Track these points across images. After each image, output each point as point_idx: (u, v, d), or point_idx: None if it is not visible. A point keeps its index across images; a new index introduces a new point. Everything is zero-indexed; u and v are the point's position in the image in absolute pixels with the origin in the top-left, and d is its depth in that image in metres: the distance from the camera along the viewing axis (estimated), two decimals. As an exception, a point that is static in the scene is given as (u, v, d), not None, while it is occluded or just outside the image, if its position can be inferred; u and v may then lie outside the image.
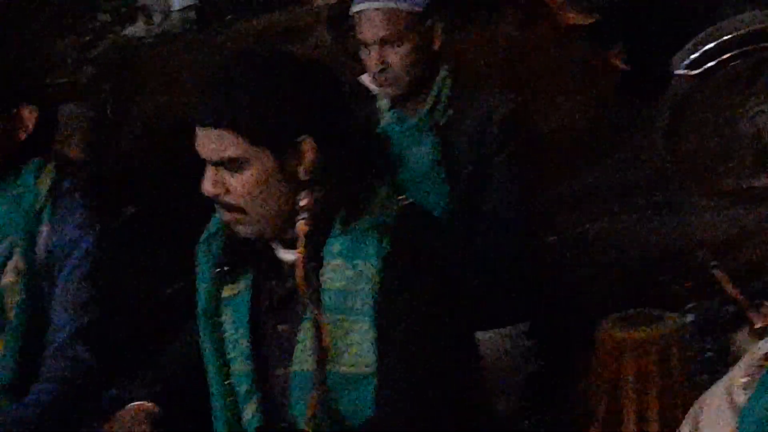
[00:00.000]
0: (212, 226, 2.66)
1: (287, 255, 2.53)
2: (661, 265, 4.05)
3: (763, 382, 2.01)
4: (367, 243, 2.43)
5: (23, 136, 2.98)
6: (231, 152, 2.41)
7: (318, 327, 2.30)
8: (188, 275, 2.76)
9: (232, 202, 2.43)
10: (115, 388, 2.76)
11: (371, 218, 2.46)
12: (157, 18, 6.06)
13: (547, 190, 4.32)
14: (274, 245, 2.54)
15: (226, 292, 2.62)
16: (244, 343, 2.58)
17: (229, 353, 2.61)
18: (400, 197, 2.50)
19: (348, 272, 2.44)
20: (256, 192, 2.42)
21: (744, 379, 2.03)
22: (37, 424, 2.84)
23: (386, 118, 3.68)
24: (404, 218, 2.47)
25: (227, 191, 2.43)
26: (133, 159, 5.34)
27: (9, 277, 2.95)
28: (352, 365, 2.42)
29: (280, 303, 2.53)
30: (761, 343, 2.08)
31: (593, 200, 5.02)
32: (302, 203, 2.39)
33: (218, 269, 2.61)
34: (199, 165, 2.54)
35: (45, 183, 2.98)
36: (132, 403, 2.60)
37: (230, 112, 2.40)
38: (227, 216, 2.46)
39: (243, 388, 2.58)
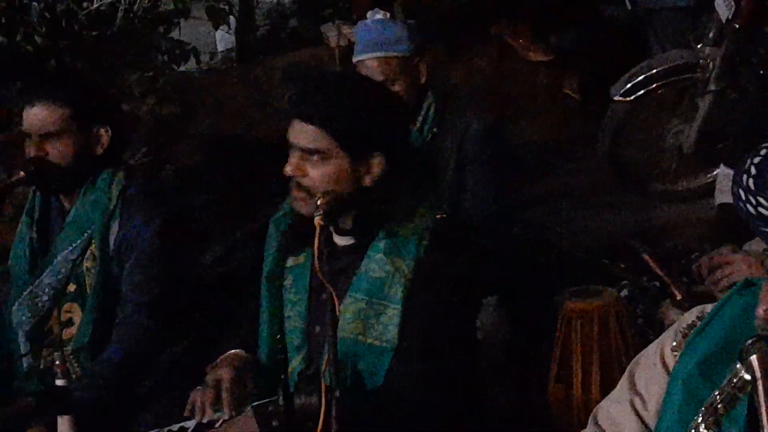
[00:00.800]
0: (284, 208, 2.66)
1: (340, 240, 2.55)
2: (603, 250, 4.04)
3: (689, 345, 2.01)
4: (407, 246, 2.46)
5: (100, 151, 3.02)
6: (320, 145, 2.43)
7: (332, 300, 2.28)
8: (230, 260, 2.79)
9: (306, 184, 2.44)
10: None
11: (412, 227, 2.48)
12: (204, 57, 6.06)
13: (516, 192, 4.33)
14: (332, 230, 2.54)
15: (291, 261, 2.63)
16: (302, 305, 2.60)
17: (286, 312, 2.62)
18: (439, 212, 2.52)
19: (387, 266, 2.46)
20: (327, 182, 2.44)
21: (674, 343, 2.04)
22: (108, 376, 2.88)
23: None
24: (438, 230, 2.49)
25: (304, 175, 2.44)
26: (189, 167, 5.35)
27: (88, 262, 2.99)
28: (377, 339, 2.45)
29: (330, 277, 2.46)
30: (687, 314, 2.08)
31: (552, 200, 5.02)
32: (319, 202, 2.39)
33: (284, 241, 2.62)
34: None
35: (116, 189, 3.01)
36: (230, 351, 2.63)
37: (331, 117, 2.42)
38: (297, 194, 2.46)
39: (295, 341, 2.59)
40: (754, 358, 1.80)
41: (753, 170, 2.15)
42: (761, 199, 2.14)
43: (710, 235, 3.54)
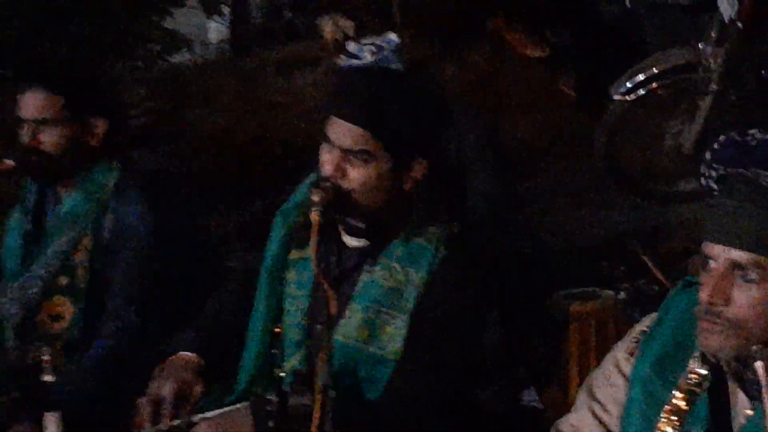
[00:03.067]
0: (293, 200, 2.61)
1: (351, 241, 2.49)
2: (600, 252, 4.04)
3: (642, 349, 2.05)
4: (422, 255, 2.40)
5: (94, 142, 2.98)
6: (365, 147, 2.35)
7: (326, 297, 2.25)
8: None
9: (345, 186, 2.37)
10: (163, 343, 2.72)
11: (428, 236, 2.42)
12: (197, 48, 6.05)
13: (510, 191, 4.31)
14: (341, 229, 2.49)
15: (294, 255, 2.56)
16: (304, 300, 2.53)
17: (286, 306, 2.56)
18: (454, 224, 2.45)
19: (400, 276, 2.41)
20: (366, 185, 2.37)
21: (627, 349, 2.08)
22: (95, 371, 2.85)
23: None
24: (454, 242, 2.43)
25: (342, 177, 2.37)
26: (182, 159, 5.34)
27: (81, 255, 2.96)
28: (380, 349, 2.40)
29: (336, 277, 2.48)
30: (639, 323, 2.12)
31: (547, 199, 5.01)
32: (315, 199, 2.32)
33: (291, 233, 2.54)
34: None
35: (111, 180, 2.98)
36: (178, 353, 2.57)
37: (378, 120, 2.35)
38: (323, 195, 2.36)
39: (294, 338, 2.53)
40: (759, 364, 1.83)
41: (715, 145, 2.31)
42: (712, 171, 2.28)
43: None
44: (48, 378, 2.49)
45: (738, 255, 1.88)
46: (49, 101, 2.94)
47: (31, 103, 2.95)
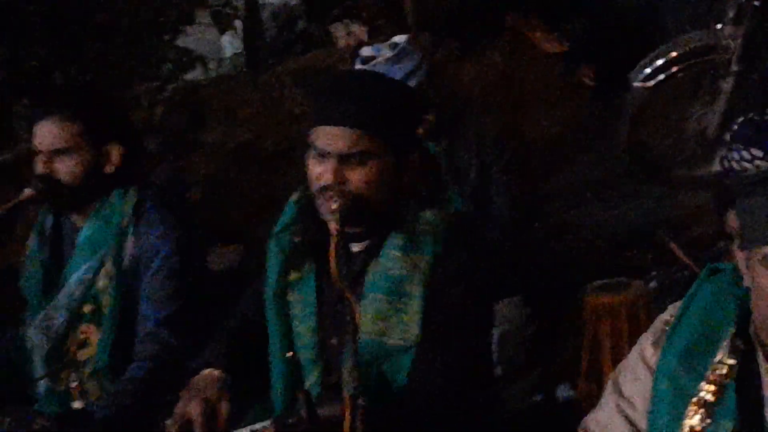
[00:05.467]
0: (282, 222, 2.61)
1: (354, 246, 2.50)
2: (628, 242, 4.03)
3: (668, 341, 2.03)
4: (423, 243, 2.42)
5: (110, 169, 2.99)
6: (362, 147, 2.36)
7: (351, 306, 2.19)
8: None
9: (349, 190, 2.38)
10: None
11: (426, 224, 2.45)
12: (212, 64, 6.08)
13: (536, 187, 4.31)
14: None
15: (293, 276, 2.57)
16: (312, 319, 2.54)
17: (295, 327, 2.57)
18: (452, 207, 2.50)
19: (406, 264, 2.43)
20: (373, 183, 2.39)
21: (652, 342, 2.07)
22: (134, 393, 2.85)
23: None
24: (453, 225, 2.46)
25: (343, 182, 2.37)
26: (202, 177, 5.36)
27: (103, 282, 2.96)
28: (401, 339, 2.41)
29: (349, 284, 2.42)
30: (663, 313, 2.10)
31: (571, 193, 5.01)
32: (333, 207, 2.33)
33: (288, 255, 2.56)
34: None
35: (129, 204, 2.98)
36: (204, 371, 2.56)
37: (372, 118, 2.37)
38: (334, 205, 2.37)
39: (308, 357, 2.55)
40: None
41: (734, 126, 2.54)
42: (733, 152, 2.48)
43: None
44: (77, 405, 2.51)
45: None
46: (64, 130, 2.94)
47: (47, 133, 2.95)
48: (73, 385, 2.50)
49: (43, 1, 5.08)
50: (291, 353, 2.57)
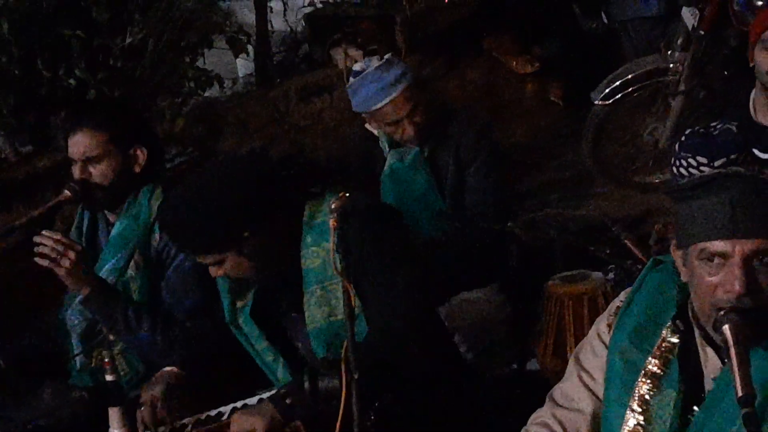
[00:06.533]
0: None
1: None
2: (589, 237, 4.03)
3: (619, 322, 2.08)
4: (326, 230, 2.38)
5: (138, 169, 3.01)
6: None
7: (347, 293, 2.22)
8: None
9: None
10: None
11: (323, 214, 2.51)
12: (227, 83, 6.09)
13: (509, 188, 4.31)
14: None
15: (239, 303, 2.67)
16: (258, 333, 2.66)
17: (257, 346, 2.68)
18: (341, 194, 2.39)
19: (320, 252, 2.50)
20: None
21: (607, 322, 2.11)
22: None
23: (390, 158, 3.67)
24: (344, 207, 2.38)
25: None
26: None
27: (132, 271, 2.99)
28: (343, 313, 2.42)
29: (289, 302, 2.59)
30: (616, 299, 2.15)
31: (541, 193, 5.03)
32: (333, 206, 2.30)
33: (231, 287, 2.64)
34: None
35: (155, 203, 2.99)
36: (165, 368, 2.67)
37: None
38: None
39: (269, 358, 2.67)
40: (726, 327, 1.84)
41: (682, 138, 2.64)
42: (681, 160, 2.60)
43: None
44: (109, 378, 2.53)
45: (751, 245, 1.85)
46: (94, 140, 2.96)
47: (79, 144, 2.97)
48: (106, 360, 2.51)
49: (80, 26, 5.09)
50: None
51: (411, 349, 2.45)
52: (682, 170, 2.99)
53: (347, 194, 2.39)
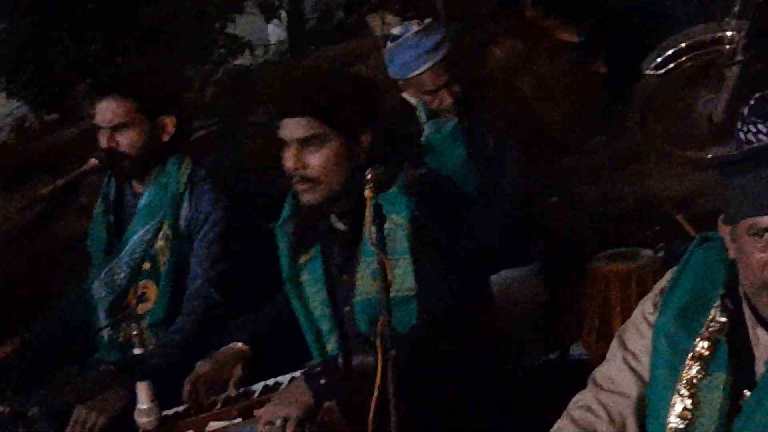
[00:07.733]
0: (285, 214, 2.71)
1: (340, 225, 2.59)
2: (638, 215, 4.02)
3: (664, 303, 2.06)
4: (398, 203, 2.46)
5: (166, 138, 3.04)
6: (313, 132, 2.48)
7: (383, 265, 2.23)
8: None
9: (310, 174, 2.49)
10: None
11: (399, 185, 2.49)
12: (259, 50, 6.09)
13: (551, 164, 4.30)
14: (332, 219, 2.58)
15: (302, 259, 2.68)
16: (323, 293, 2.66)
17: (311, 303, 2.68)
18: (420, 168, 2.52)
19: (387, 224, 2.44)
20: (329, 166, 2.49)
21: (652, 304, 2.08)
22: (180, 344, 2.91)
23: (427, 129, 3.66)
24: (422, 185, 2.50)
25: (304, 167, 2.49)
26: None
27: (160, 242, 3.02)
28: (399, 291, 2.46)
29: (342, 260, 2.59)
30: (661, 279, 2.12)
31: (586, 170, 4.99)
32: (368, 176, 2.32)
33: (294, 243, 2.66)
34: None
35: (184, 173, 3.03)
36: (230, 344, 2.71)
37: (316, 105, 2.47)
38: (301, 186, 2.50)
39: (325, 327, 2.66)
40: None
41: (751, 101, 2.48)
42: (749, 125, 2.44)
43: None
44: (137, 351, 2.56)
45: None
46: (122, 107, 2.99)
47: (107, 111, 3.00)
48: (134, 333, 2.54)
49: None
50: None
51: (460, 332, 2.47)
52: (750, 136, 2.90)
53: (426, 169, 2.50)
